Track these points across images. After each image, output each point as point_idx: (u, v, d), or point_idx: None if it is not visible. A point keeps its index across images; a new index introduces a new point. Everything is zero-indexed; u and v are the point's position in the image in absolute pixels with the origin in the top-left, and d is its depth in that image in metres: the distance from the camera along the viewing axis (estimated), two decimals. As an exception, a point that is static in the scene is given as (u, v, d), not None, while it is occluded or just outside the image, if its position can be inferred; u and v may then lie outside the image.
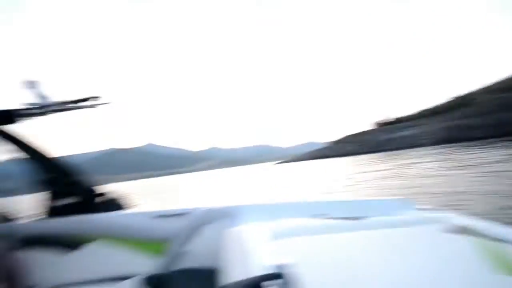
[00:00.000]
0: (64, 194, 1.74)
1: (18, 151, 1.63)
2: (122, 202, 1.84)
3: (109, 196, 1.80)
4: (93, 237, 1.67)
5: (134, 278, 1.58)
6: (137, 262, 1.67)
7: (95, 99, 1.58)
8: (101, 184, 1.84)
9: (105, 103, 1.65)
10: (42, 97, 1.52)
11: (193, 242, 1.58)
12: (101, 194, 1.78)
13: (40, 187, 1.74)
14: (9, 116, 1.44)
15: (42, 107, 1.49)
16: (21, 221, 1.82)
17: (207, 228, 1.53)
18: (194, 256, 1.56)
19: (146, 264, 1.67)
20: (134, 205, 1.91)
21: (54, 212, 1.73)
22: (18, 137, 1.59)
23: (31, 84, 1.50)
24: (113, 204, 1.81)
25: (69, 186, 1.72)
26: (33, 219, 1.81)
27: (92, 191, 1.74)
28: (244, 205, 1.67)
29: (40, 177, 1.72)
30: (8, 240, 1.62)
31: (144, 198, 24.81)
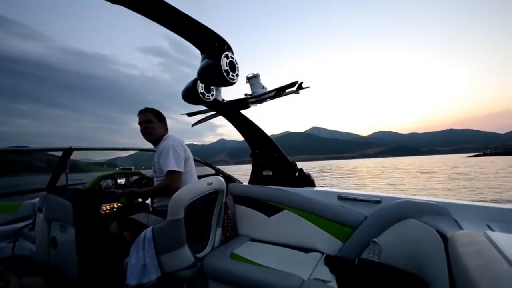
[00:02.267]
0: (268, 167, 2.10)
1: (242, 130, 2.14)
2: (312, 179, 1.98)
3: (303, 172, 1.99)
4: (285, 207, 1.92)
5: (315, 253, 1.67)
6: (319, 238, 1.74)
7: (298, 84, 1.78)
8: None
9: (306, 88, 1.83)
10: (261, 87, 1.93)
11: (388, 234, 1.41)
12: (297, 170, 2.00)
13: (253, 159, 2.19)
14: (246, 102, 1.94)
15: (261, 94, 1.89)
16: (237, 183, 2.34)
17: (408, 223, 1.30)
18: (387, 250, 1.39)
19: (327, 243, 1.71)
20: (321, 185, 2.01)
21: (260, 180, 2.13)
22: (242, 119, 2.10)
23: (254, 77, 1.95)
24: (306, 181, 1.98)
25: (273, 161, 2.06)
26: (245, 183, 2.30)
27: (290, 166, 2.00)
28: (457, 203, 1.27)
29: (253, 151, 2.17)
30: (227, 195, 2.13)
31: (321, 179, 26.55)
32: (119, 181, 2.33)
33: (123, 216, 1.78)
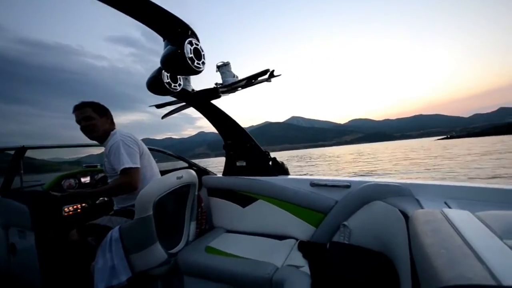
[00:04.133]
0: (242, 157, 2.07)
1: (214, 120, 2.08)
2: (286, 168, 1.99)
3: (276, 161, 1.99)
4: (259, 196, 1.92)
5: (289, 240, 1.69)
6: (293, 225, 1.77)
7: (269, 72, 1.74)
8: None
9: (277, 76, 1.80)
10: (232, 75, 1.87)
11: (357, 217, 1.46)
12: (270, 159, 1.99)
13: (226, 150, 2.15)
14: (216, 92, 1.86)
15: (232, 84, 1.83)
16: (211, 175, 2.31)
17: (375, 205, 1.35)
18: (356, 231, 1.44)
19: (300, 229, 1.75)
20: (293, 173, 2.03)
21: (233, 171, 2.11)
22: (213, 109, 2.04)
23: (224, 66, 1.88)
24: (279, 169, 1.98)
25: (246, 151, 2.04)
26: (218, 175, 2.27)
27: (263, 156, 1.99)
28: (419, 183, 1.34)
29: (225, 142, 2.13)
30: (201, 188, 2.08)
31: (297, 167, 27.07)
32: (83, 180, 2.18)
33: (85, 219, 1.66)
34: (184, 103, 2.06)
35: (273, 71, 1.75)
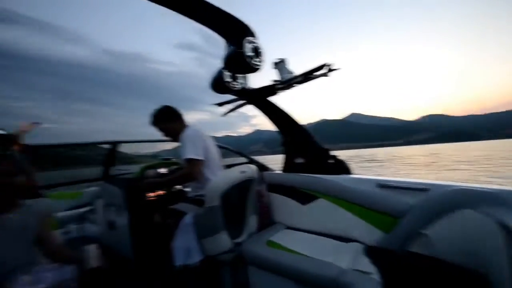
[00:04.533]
0: (301, 154, 2.05)
1: (272, 117, 2.11)
2: (348, 166, 1.88)
3: (338, 159, 1.90)
4: (320, 195, 1.85)
5: (353, 243, 1.58)
6: (357, 227, 1.65)
7: (327, 67, 1.68)
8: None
9: (336, 70, 1.72)
10: (288, 72, 1.87)
11: (439, 226, 1.27)
12: (331, 157, 1.91)
13: (284, 147, 2.15)
14: (273, 89, 1.90)
15: (289, 80, 1.83)
16: (271, 171, 2.35)
17: (464, 214, 1.16)
18: (439, 243, 1.26)
19: (366, 232, 1.62)
20: (357, 172, 1.90)
21: (292, 168, 2.10)
22: (271, 107, 2.06)
23: (280, 62, 1.89)
24: (341, 168, 1.89)
25: (305, 148, 2.00)
26: (277, 171, 2.29)
27: (324, 153, 1.92)
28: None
29: (284, 139, 2.13)
30: (262, 184, 2.12)
31: (360, 168, 24.56)
32: (160, 170, 2.52)
33: (165, 204, 1.92)
34: (243, 101, 2.15)
35: (331, 65, 1.68)
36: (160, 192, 2.20)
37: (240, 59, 1.28)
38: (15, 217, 1.25)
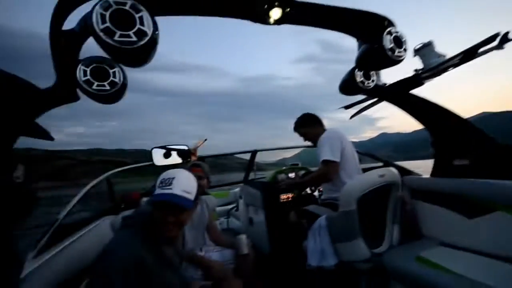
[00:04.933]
0: (463, 154, 1.61)
1: (416, 113, 1.79)
2: None
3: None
4: (500, 206, 1.37)
5: None
6: None
7: (500, 36, 1.25)
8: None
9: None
10: (437, 56, 1.54)
11: None
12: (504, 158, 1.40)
13: (435, 147, 1.77)
14: (417, 79, 1.62)
15: (440, 64, 1.51)
16: (415, 176, 1.99)
17: None
18: None
19: None
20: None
21: (449, 171, 1.68)
22: (415, 101, 1.75)
23: (425, 47, 1.58)
24: None
25: (470, 146, 1.56)
26: (424, 176, 1.91)
27: (503, 152, 1.44)
28: None
29: (435, 137, 1.75)
30: (404, 190, 1.82)
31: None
32: (290, 175, 2.70)
33: (296, 205, 2.03)
34: (375, 99, 1.96)
35: (507, 33, 1.24)
36: (291, 195, 2.35)
37: (379, 55, 1.19)
38: (198, 208, 1.69)
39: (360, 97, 2.03)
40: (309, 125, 2.03)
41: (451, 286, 1.13)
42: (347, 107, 2.25)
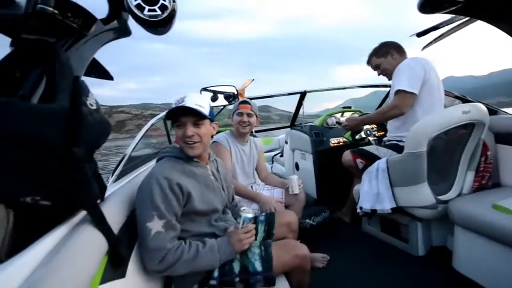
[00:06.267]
0: None
1: None
2: None
3: None
4: None
5: None
6: None
7: None
8: None
9: None
10: None
11: None
12: None
13: None
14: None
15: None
16: (503, 115, 1.73)
17: None
18: None
19: None
20: None
21: None
22: None
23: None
24: None
25: None
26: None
27: None
28: None
29: None
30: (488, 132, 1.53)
31: None
32: (341, 118, 2.53)
33: (355, 146, 1.90)
34: (464, 19, 1.54)
35: None
36: (343, 140, 2.22)
37: None
38: (247, 147, 1.71)
39: (438, 20, 1.63)
40: (384, 54, 1.70)
41: None
42: (420, 34, 1.85)
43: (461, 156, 1.42)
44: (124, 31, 1.00)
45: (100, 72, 1.12)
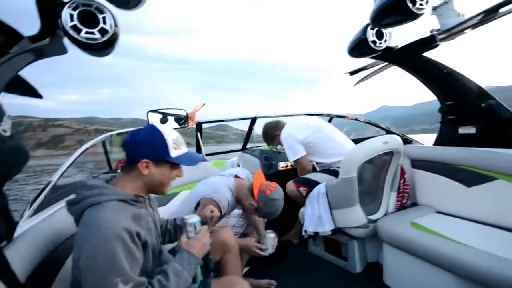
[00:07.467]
0: (470, 122, 1.57)
1: (427, 77, 1.71)
2: None
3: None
4: (500, 176, 1.37)
5: None
6: None
7: None
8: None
9: None
10: (456, 15, 1.42)
11: None
12: None
13: (443, 114, 1.72)
14: (433, 41, 1.49)
15: (459, 25, 1.40)
16: (416, 145, 1.99)
17: None
18: None
19: None
20: None
21: (453, 140, 1.65)
22: (427, 64, 1.65)
23: (444, 5, 1.45)
24: None
25: (478, 114, 1.51)
26: (425, 145, 1.90)
27: (507, 122, 1.40)
28: None
29: (443, 103, 1.69)
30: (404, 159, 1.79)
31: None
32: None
33: (296, 174, 2.02)
34: (384, 64, 1.86)
35: None
36: (290, 164, 2.35)
37: (398, 6, 1.09)
38: None
39: (366, 62, 1.93)
40: (270, 139, 2.22)
41: (445, 250, 1.15)
42: (352, 73, 2.15)
43: (385, 179, 1.63)
44: (58, 50, 0.94)
45: (26, 90, 1.01)
